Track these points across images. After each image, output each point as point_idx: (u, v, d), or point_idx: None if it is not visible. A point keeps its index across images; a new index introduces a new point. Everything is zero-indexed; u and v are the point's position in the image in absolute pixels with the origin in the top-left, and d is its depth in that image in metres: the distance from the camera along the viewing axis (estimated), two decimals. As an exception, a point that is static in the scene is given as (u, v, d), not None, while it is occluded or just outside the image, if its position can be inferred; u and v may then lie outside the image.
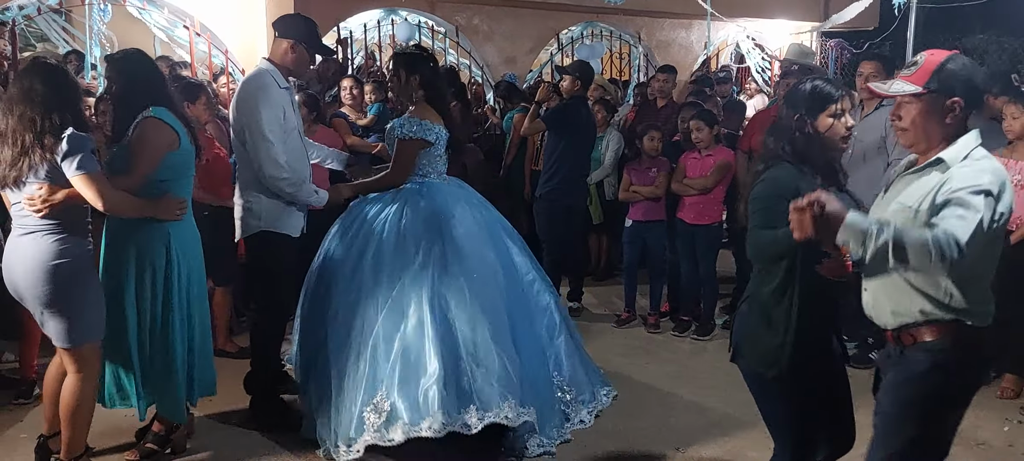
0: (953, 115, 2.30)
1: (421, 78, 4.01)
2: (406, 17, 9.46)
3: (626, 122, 7.23)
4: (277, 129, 3.70)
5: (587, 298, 6.28)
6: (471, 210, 4.04)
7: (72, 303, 3.19)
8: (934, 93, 2.30)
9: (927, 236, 2.05)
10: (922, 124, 2.34)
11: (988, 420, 4.27)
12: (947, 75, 2.29)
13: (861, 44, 11.35)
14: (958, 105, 2.29)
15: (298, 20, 3.92)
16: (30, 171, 3.07)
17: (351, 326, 3.67)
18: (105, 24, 7.24)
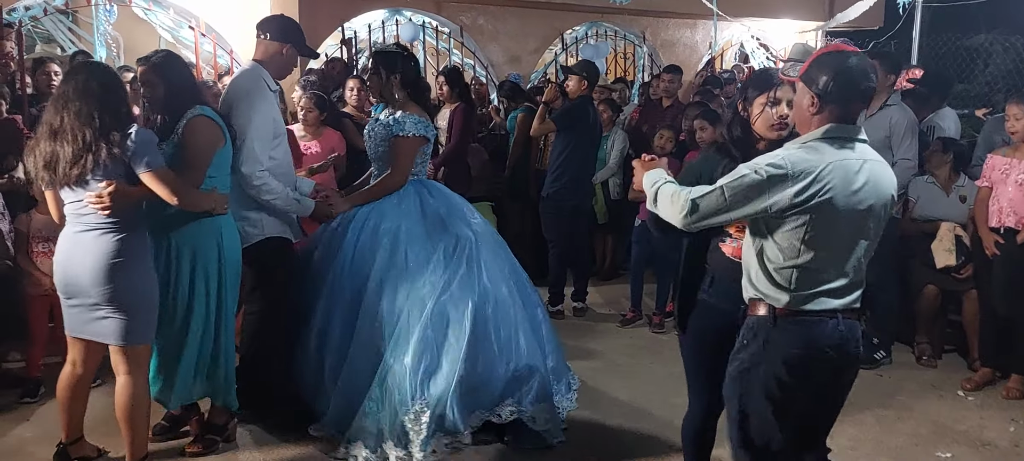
0: (813, 107, 2.39)
1: (402, 77, 3.99)
2: (410, 17, 9.47)
3: (630, 122, 7.23)
4: (266, 131, 3.63)
5: (592, 298, 6.27)
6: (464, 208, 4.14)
7: (134, 301, 3.22)
8: (804, 83, 2.42)
9: (672, 190, 2.43)
10: (797, 110, 2.49)
11: (994, 420, 4.26)
12: (816, 69, 2.39)
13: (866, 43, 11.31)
14: (814, 100, 2.38)
15: (289, 22, 3.85)
16: (94, 169, 3.07)
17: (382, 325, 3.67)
18: (111, 25, 7.27)
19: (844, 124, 2.38)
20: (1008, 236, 4.53)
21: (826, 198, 2.31)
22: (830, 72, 2.36)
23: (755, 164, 2.35)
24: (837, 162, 2.33)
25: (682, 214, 2.37)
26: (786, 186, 2.29)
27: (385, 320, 3.67)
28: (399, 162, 3.95)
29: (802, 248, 2.37)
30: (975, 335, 4.90)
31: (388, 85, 4.01)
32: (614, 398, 4.47)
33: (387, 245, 3.80)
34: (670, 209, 2.42)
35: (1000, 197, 4.57)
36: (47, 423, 4.04)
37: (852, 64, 2.38)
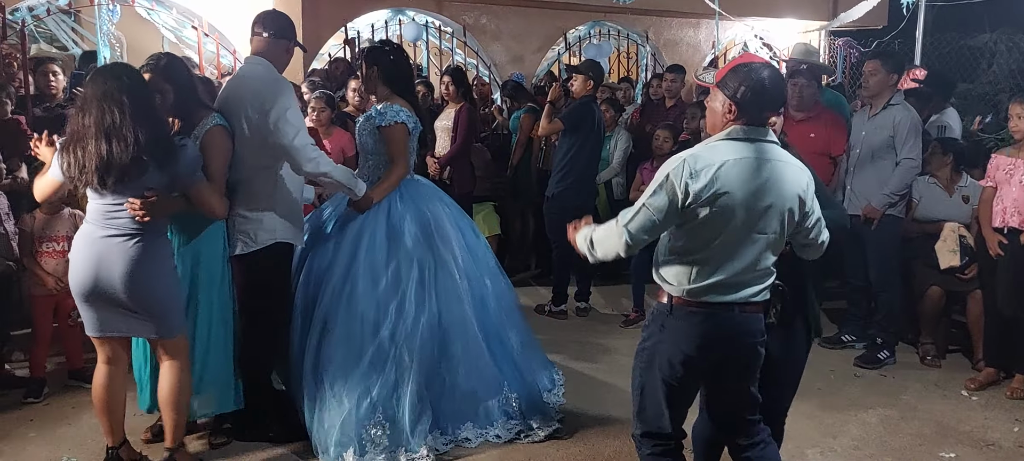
0: (728, 114, 2.54)
1: (379, 70, 4.01)
2: (413, 17, 9.46)
3: (632, 121, 7.23)
4: (301, 119, 3.65)
5: (595, 298, 6.27)
6: (442, 209, 4.11)
7: (164, 300, 3.27)
8: (721, 91, 2.56)
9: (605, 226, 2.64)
10: (711, 115, 2.64)
11: (998, 420, 4.25)
12: (732, 78, 2.54)
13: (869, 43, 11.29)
14: (731, 108, 2.53)
15: (286, 18, 3.82)
16: (139, 177, 3.06)
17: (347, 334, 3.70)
18: (114, 24, 7.26)
19: (748, 126, 2.52)
20: (1012, 236, 4.51)
21: (723, 193, 2.44)
22: (745, 84, 2.51)
23: (664, 169, 2.52)
24: (734, 159, 2.47)
25: (622, 240, 2.57)
26: (690, 182, 2.45)
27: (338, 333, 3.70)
28: (396, 151, 3.95)
29: (700, 241, 2.52)
30: (979, 335, 4.89)
31: (370, 80, 4.06)
32: (617, 398, 4.46)
33: (346, 257, 3.82)
34: (610, 245, 2.63)
35: (1004, 197, 4.55)
36: (50, 422, 4.05)
37: (765, 76, 2.53)
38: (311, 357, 3.73)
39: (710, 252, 2.52)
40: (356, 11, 8.87)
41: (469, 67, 9.68)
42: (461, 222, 4.22)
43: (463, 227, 4.20)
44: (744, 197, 2.47)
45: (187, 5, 7.62)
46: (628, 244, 2.56)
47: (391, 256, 3.84)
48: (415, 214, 3.97)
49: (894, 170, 4.89)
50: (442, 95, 6.68)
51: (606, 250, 2.64)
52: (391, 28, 9.44)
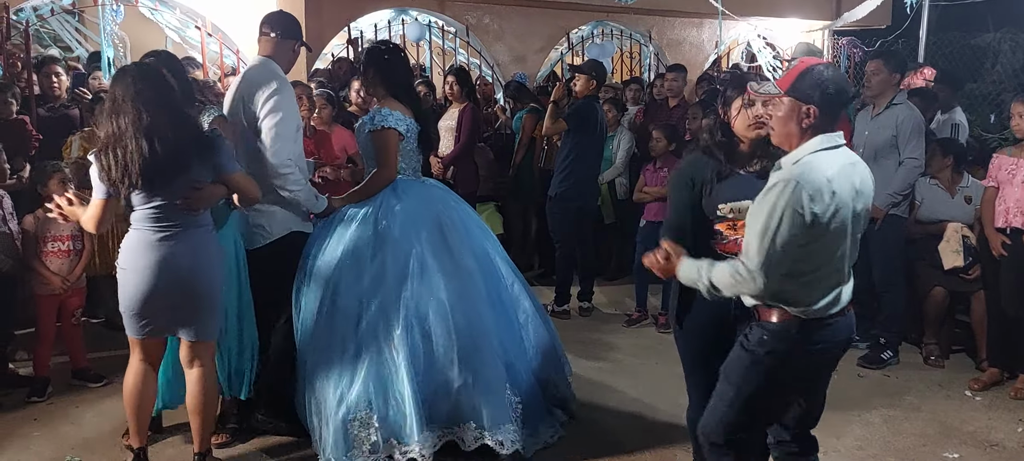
0: (808, 120, 2.46)
1: (375, 70, 3.97)
2: (416, 17, 9.47)
3: (636, 121, 7.22)
4: (292, 124, 3.67)
5: (598, 298, 6.27)
6: (447, 210, 4.01)
7: (214, 296, 3.33)
8: (792, 97, 2.48)
9: (731, 270, 2.46)
10: (783, 125, 2.52)
11: (1001, 420, 4.24)
12: (806, 82, 2.46)
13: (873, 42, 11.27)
14: (813, 112, 2.45)
15: (293, 19, 3.87)
16: (185, 172, 3.10)
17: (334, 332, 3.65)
18: (117, 25, 7.28)
19: (830, 134, 2.48)
20: (1015, 236, 4.50)
21: (841, 207, 2.41)
22: (823, 84, 2.45)
23: (769, 203, 2.39)
24: (837, 170, 2.43)
25: (758, 284, 2.43)
26: (812, 207, 2.36)
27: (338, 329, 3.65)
28: (382, 156, 3.88)
29: (822, 258, 2.46)
30: (983, 336, 4.88)
31: (369, 80, 4.05)
32: (620, 397, 4.47)
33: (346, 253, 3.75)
34: (740, 287, 2.48)
35: (1007, 197, 4.54)
36: (54, 421, 4.06)
37: (832, 76, 2.48)
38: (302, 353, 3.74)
39: (831, 266, 2.49)
40: (359, 11, 8.88)
41: (472, 67, 9.68)
42: (469, 223, 4.12)
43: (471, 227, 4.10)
44: (852, 205, 2.46)
45: (190, 5, 7.62)
46: (764, 286, 2.43)
47: (377, 251, 3.74)
48: (413, 213, 3.87)
49: (897, 170, 4.88)
50: (445, 95, 6.68)
51: (735, 290, 2.51)
52: (394, 28, 9.45)
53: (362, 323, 3.64)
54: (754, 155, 2.85)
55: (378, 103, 4.01)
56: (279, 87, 3.63)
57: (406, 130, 3.90)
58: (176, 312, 3.25)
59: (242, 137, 3.68)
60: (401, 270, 3.69)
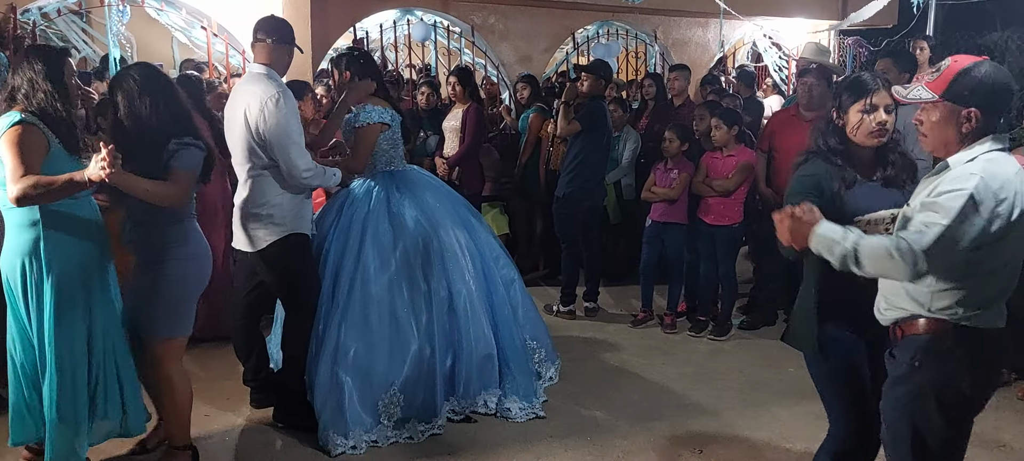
0: (969, 124, 2.29)
1: (352, 74, 4.25)
2: (422, 17, 9.47)
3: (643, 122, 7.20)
4: (299, 131, 3.75)
5: (603, 298, 6.26)
6: (438, 194, 4.44)
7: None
8: (950, 102, 2.29)
9: (887, 244, 2.18)
10: (940, 131, 2.35)
11: (1009, 422, 4.22)
12: (964, 84, 2.28)
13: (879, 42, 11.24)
14: (974, 115, 2.28)
15: (276, 19, 3.93)
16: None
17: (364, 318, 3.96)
18: (124, 25, 7.30)
19: (999, 136, 2.31)
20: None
21: (1020, 209, 2.24)
22: (982, 85, 2.27)
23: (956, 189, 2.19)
24: (1014, 171, 2.26)
25: (916, 269, 2.18)
26: (995, 207, 2.20)
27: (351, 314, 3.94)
28: (356, 149, 4.24)
29: (995, 264, 2.30)
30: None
31: (343, 85, 4.29)
32: (626, 398, 4.46)
33: (355, 243, 4.09)
34: (892, 267, 2.20)
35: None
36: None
37: (993, 74, 2.29)
38: (330, 347, 3.89)
39: (998, 271, 2.31)
40: (365, 11, 8.89)
41: (477, 67, 9.68)
42: (459, 208, 4.51)
43: (461, 211, 4.50)
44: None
45: (196, 5, 7.65)
46: (922, 273, 2.19)
47: (396, 241, 4.11)
48: (413, 200, 4.27)
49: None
50: (449, 95, 6.68)
51: (881, 271, 2.26)
52: (399, 28, 9.46)
53: (392, 309, 3.99)
54: (875, 164, 2.70)
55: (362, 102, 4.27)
56: (280, 96, 3.66)
57: (391, 119, 4.26)
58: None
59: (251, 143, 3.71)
60: (420, 251, 4.12)
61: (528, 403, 4.19)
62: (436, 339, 4.03)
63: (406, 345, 3.96)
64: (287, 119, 3.65)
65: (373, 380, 3.88)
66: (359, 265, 4.02)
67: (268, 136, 3.64)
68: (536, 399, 4.24)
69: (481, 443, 3.90)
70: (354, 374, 3.86)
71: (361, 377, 3.87)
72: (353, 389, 3.84)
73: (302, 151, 3.72)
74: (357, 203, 4.21)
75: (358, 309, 3.94)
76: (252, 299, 4.05)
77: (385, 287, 4.01)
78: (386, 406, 3.88)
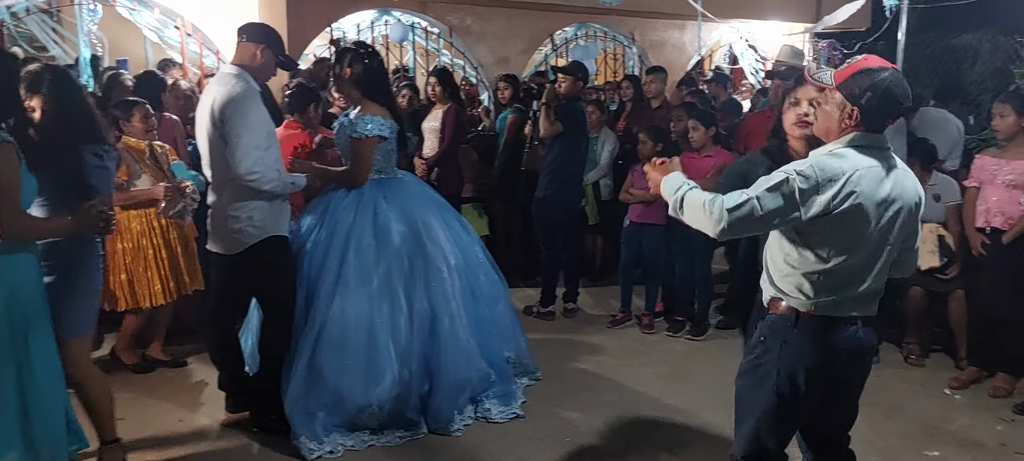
0: (849, 121, 2.41)
1: (352, 73, 4.04)
2: (399, 18, 9.43)
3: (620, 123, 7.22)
4: (260, 132, 3.62)
5: (583, 299, 6.27)
6: (429, 205, 4.27)
7: None
8: (841, 93, 2.42)
9: (705, 197, 2.40)
10: (825, 117, 2.48)
11: (981, 419, 4.28)
12: (858, 83, 2.39)
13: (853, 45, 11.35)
14: (854, 114, 2.39)
15: (265, 27, 3.89)
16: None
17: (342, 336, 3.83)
18: (95, 24, 7.19)
19: (871, 133, 2.41)
20: (995, 236, 4.54)
21: (855, 203, 2.33)
22: (873, 89, 2.37)
23: (784, 172, 2.36)
24: (864, 168, 2.35)
25: (718, 225, 2.37)
26: (817, 193, 2.32)
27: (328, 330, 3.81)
28: (354, 162, 4.08)
29: (830, 253, 2.40)
30: (962, 335, 4.92)
31: (342, 81, 4.10)
32: (604, 399, 4.47)
33: (337, 254, 3.93)
34: (702, 218, 2.41)
35: (988, 198, 4.58)
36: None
37: (891, 82, 2.38)
38: (304, 357, 3.81)
39: (842, 264, 2.41)
40: (341, 11, 8.82)
41: (455, 68, 9.65)
42: (448, 217, 4.35)
43: (450, 222, 4.34)
44: (876, 207, 2.37)
45: (169, 5, 7.55)
46: (723, 230, 2.37)
47: (380, 257, 3.95)
48: (400, 214, 4.08)
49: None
50: (428, 96, 6.65)
51: (694, 220, 2.45)
52: (377, 29, 9.40)
53: (372, 324, 3.85)
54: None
55: (354, 106, 4.11)
56: (238, 100, 3.57)
57: (390, 132, 4.06)
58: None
59: (214, 146, 3.66)
60: (403, 271, 3.96)
61: (507, 406, 4.17)
62: (414, 362, 3.90)
63: (383, 369, 3.81)
64: (245, 115, 3.56)
65: (346, 402, 3.78)
66: (339, 279, 3.87)
67: (224, 131, 3.56)
68: (515, 402, 4.22)
69: (461, 444, 3.89)
70: (329, 391, 3.76)
71: (334, 399, 3.77)
72: (329, 405, 3.77)
73: (250, 151, 3.55)
74: (341, 212, 4.02)
75: (335, 325, 3.81)
76: (227, 303, 3.96)
77: (365, 304, 3.85)
78: (365, 422, 3.82)
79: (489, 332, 4.29)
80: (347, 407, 3.78)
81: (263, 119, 3.66)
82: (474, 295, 4.25)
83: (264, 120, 3.67)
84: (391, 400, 3.82)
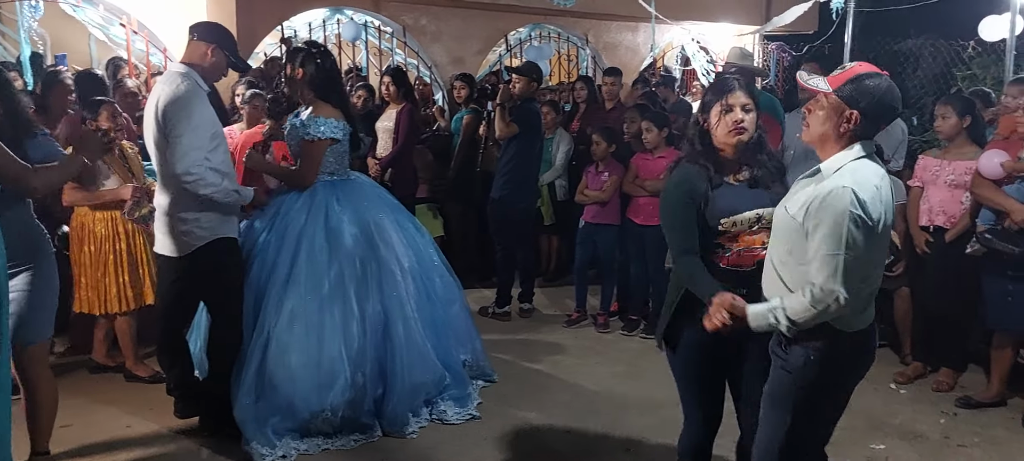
0: (847, 125, 2.39)
1: (305, 73, 3.99)
2: (352, 16, 9.34)
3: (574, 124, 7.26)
4: (203, 132, 3.55)
5: (538, 299, 6.28)
6: (383, 207, 4.23)
7: None
8: (840, 98, 2.40)
9: (806, 304, 2.31)
10: (821, 123, 2.45)
11: (925, 413, 4.39)
12: (857, 88, 2.38)
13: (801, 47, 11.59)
14: (855, 118, 2.38)
15: (217, 26, 3.83)
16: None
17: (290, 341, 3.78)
18: (37, 21, 6.98)
19: (870, 141, 2.42)
20: (937, 235, 4.67)
21: (886, 216, 2.36)
22: (872, 94, 2.37)
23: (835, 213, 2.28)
24: (879, 179, 2.38)
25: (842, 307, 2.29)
26: (870, 215, 2.30)
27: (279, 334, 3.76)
28: (304, 164, 4.03)
29: (867, 269, 2.38)
30: (907, 331, 5.05)
31: (294, 81, 4.04)
32: (560, 399, 4.48)
33: (288, 257, 3.88)
34: (824, 313, 2.31)
35: (931, 197, 4.70)
36: None
37: (887, 88, 2.40)
38: (254, 363, 3.75)
39: (871, 278, 2.42)
40: (292, 9, 8.70)
41: (409, 68, 9.59)
42: (402, 220, 4.32)
43: (404, 224, 4.31)
44: (890, 216, 2.41)
45: (115, 1, 7.36)
46: (847, 302, 2.29)
47: (332, 259, 3.90)
48: (353, 215, 4.04)
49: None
50: (382, 96, 6.60)
51: (821, 320, 2.34)
52: (329, 27, 9.30)
53: (323, 327, 3.80)
54: (740, 164, 2.78)
55: (306, 106, 4.06)
56: (181, 99, 3.50)
57: (342, 134, 4.02)
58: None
59: (159, 146, 3.59)
60: (355, 274, 3.90)
61: (463, 407, 4.15)
62: (368, 366, 3.85)
63: (335, 374, 3.76)
64: (189, 115, 3.49)
65: (298, 408, 3.72)
66: (290, 282, 3.82)
67: (166, 130, 3.50)
68: (471, 403, 4.21)
69: (416, 446, 3.87)
70: (281, 394, 3.71)
71: (286, 405, 3.71)
72: (281, 408, 3.72)
73: (189, 152, 3.48)
74: (292, 213, 3.97)
75: (285, 330, 3.75)
76: (175, 306, 3.87)
77: (316, 308, 3.80)
78: (318, 427, 3.77)
79: (444, 334, 4.26)
80: (299, 413, 3.72)
81: (207, 120, 3.59)
82: (429, 297, 4.22)
83: (209, 121, 3.60)
84: (344, 405, 3.77)
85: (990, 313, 4.41)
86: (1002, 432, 4.16)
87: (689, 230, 2.71)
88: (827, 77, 2.46)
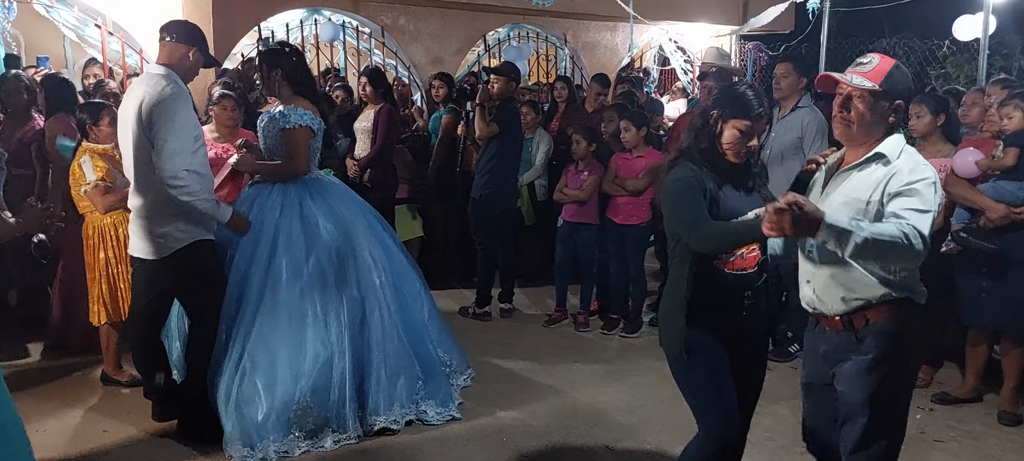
0: (895, 115, 2.48)
1: (283, 72, 4.08)
2: (330, 17, 9.30)
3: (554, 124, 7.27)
4: (188, 135, 3.56)
5: (519, 298, 6.29)
6: (353, 206, 4.26)
7: None
8: (885, 92, 2.46)
9: (897, 231, 2.23)
10: (869, 120, 2.47)
11: (902, 408, 4.44)
12: (898, 79, 2.48)
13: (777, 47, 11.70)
14: (901, 107, 2.48)
15: (193, 27, 3.82)
16: None
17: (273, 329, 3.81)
18: (10, 22, 6.89)
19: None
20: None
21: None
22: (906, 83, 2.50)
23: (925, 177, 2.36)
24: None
25: (919, 252, 2.26)
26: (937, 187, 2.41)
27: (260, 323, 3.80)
28: (291, 151, 4.05)
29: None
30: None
31: (272, 81, 4.11)
32: (541, 398, 4.49)
33: (265, 249, 3.92)
34: (902, 252, 2.25)
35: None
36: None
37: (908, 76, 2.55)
38: (235, 353, 3.77)
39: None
40: (270, 10, 8.65)
41: (388, 68, 9.56)
42: (371, 220, 4.36)
43: (374, 224, 4.34)
44: None
45: (90, 2, 7.28)
46: (923, 254, 2.28)
47: (310, 250, 3.95)
48: (327, 211, 4.10)
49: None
50: (360, 96, 6.57)
51: (894, 256, 2.31)
52: (306, 28, 9.25)
53: (303, 318, 3.83)
54: (741, 174, 2.79)
55: (283, 103, 4.10)
56: (168, 101, 3.50)
57: (318, 127, 4.09)
58: None
59: (139, 147, 3.58)
60: (333, 264, 3.95)
61: (444, 407, 4.15)
62: (347, 355, 3.88)
63: (316, 356, 3.81)
64: (172, 118, 3.49)
65: (281, 392, 3.73)
66: (270, 272, 3.87)
67: (151, 133, 3.48)
68: (452, 403, 4.21)
69: (397, 447, 3.86)
70: (262, 387, 3.72)
71: (269, 390, 3.73)
72: (261, 402, 3.71)
73: (174, 156, 3.48)
74: (267, 209, 4.01)
75: (267, 318, 3.80)
76: (152, 309, 3.86)
77: (297, 295, 3.86)
78: (298, 418, 3.76)
79: (421, 332, 4.29)
80: (279, 401, 3.72)
81: (190, 122, 3.61)
82: (403, 296, 4.27)
83: (191, 123, 3.62)
84: (323, 392, 3.79)
85: (965, 310, 4.45)
86: (978, 427, 4.21)
87: (700, 204, 2.65)
88: (859, 74, 2.48)
